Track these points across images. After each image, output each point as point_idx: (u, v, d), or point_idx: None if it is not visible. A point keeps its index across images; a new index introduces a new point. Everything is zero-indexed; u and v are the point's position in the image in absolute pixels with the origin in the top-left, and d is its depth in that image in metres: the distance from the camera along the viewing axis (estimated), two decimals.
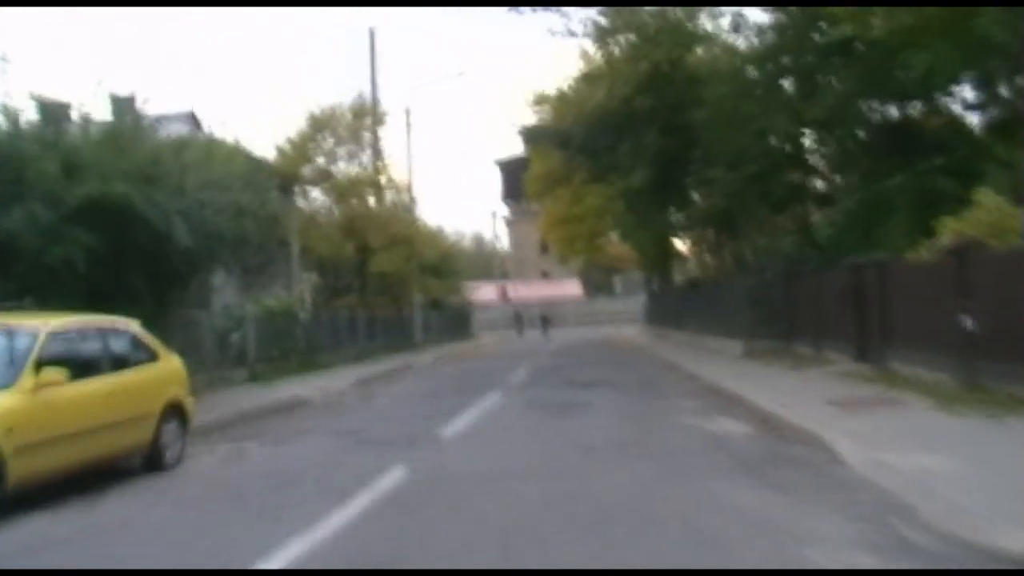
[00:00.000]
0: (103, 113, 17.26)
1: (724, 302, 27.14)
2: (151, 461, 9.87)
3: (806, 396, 12.78)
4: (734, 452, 9.33)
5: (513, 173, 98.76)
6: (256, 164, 29.85)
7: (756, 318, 23.46)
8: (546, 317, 66.25)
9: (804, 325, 21.58)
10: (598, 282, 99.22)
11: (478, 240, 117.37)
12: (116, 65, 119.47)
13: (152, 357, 10.26)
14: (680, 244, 37.66)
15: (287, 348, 26.15)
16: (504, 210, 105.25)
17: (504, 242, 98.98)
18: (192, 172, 16.99)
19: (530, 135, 30.06)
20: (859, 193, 21.56)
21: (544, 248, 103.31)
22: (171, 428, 10.16)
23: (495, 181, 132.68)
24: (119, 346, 9.88)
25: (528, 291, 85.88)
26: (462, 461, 9.50)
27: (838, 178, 24.73)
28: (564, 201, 46.61)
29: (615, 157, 25.27)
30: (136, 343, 10.20)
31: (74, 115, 16.91)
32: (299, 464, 9.89)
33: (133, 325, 10.34)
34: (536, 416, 13.33)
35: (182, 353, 21.34)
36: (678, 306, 38.71)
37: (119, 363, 9.60)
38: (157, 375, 10.20)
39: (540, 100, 33.74)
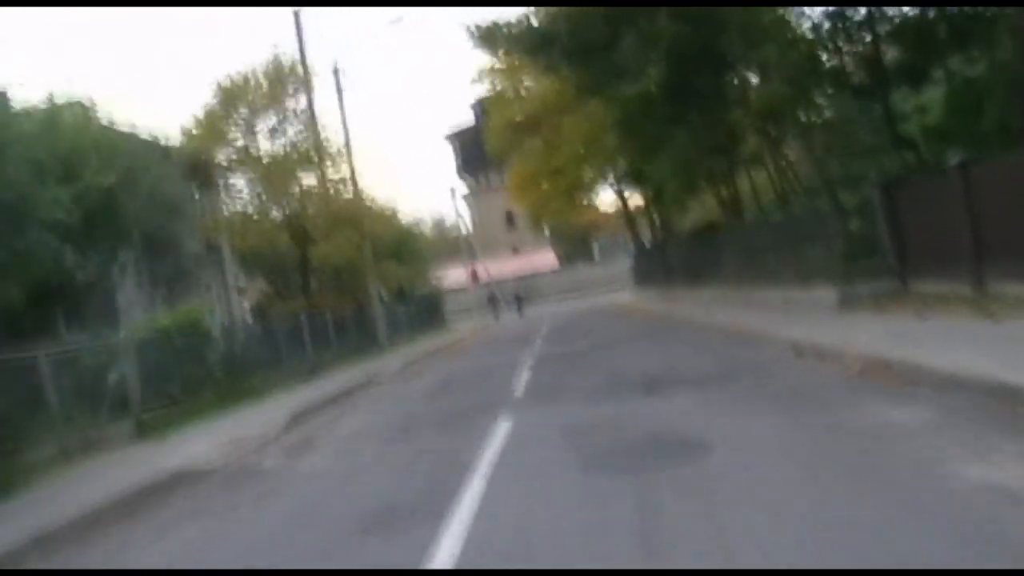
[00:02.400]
0: None
1: (783, 239, 20.20)
2: None
3: None
4: None
5: (467, 145, 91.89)
6: (127, 139, 22.53)
7: (846, 253, 16.59)
8: (519, 295, 60.29)
9: (931, 253, 14.62)
10: (572, 251, 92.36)
11: (439, 223, 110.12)
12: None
13: None
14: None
15: (196, 379, 18.91)
16: (462, 187, 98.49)
17: (467, 221, 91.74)
18: None
19: (491, 40, 22.43)
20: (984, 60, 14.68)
21: (510, 220, 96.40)
22: None
23: (449, 159, 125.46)
24: None
25: (500, 269, 78.66)
26: None
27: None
28: (535, 155, 39.50)
29: (614, 58, 18.09)
30: None
31: None
32: None
33: None
34: (616, 494, 6.07)
35: (9, 417, 14.53)
36: (689, 259, 31.77)
37: None
38: None
39: (487, 36, 26.43)
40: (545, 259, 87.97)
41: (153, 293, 26.97)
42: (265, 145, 34.67)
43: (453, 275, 70.15)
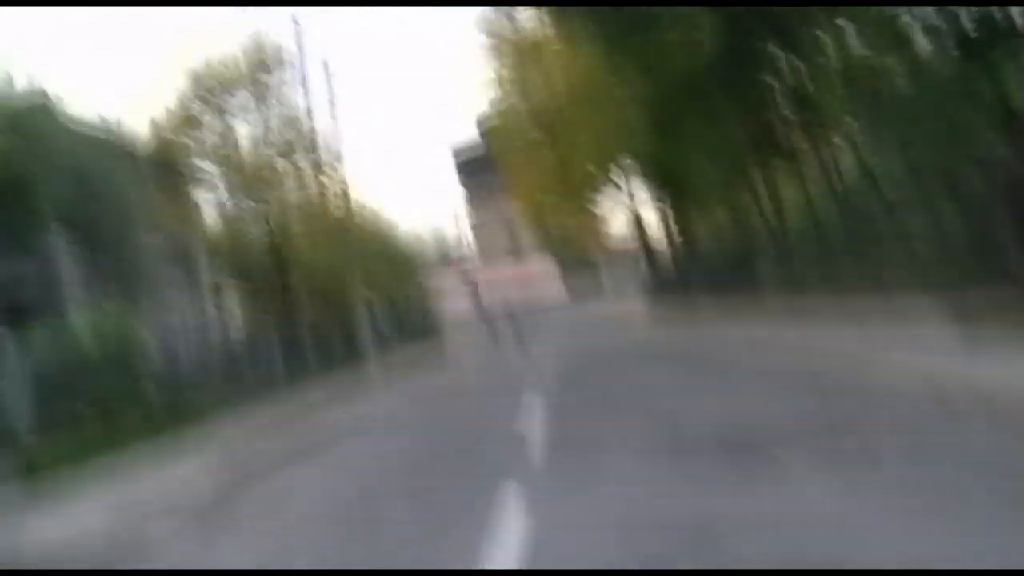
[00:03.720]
0: None
1: (842, 242, 16.58)
2: None
3: None
4: None
5: (469, 159, 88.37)
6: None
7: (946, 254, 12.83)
8: (513, 312, 52.80)
9: None
10: (572, 262, 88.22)
11: (439, 238, 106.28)
12: None
13: None
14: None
15: (118, 399, 15.09)
16: (462, 202, 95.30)
17: (467, 233, 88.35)
18: None
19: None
20: None
21: (511, 230, 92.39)
22: None
23: (451, 172, 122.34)
24: None
25: (501, 278, 74.67)
26: None
27: None
28: (539, 163, 36.10)
29: (652, 26, 14.19)
30: None
31: None
32: None
33: None
34: None
35: None
36: (717, 279, 27.83)
37: None
38: None
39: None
40: (547, 269, 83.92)
41: (102, 292, 23.41)
42: (242, 129, 31.17)
43: (451, 284, 66.54)
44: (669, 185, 25.78)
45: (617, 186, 37.57)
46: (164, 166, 27.90)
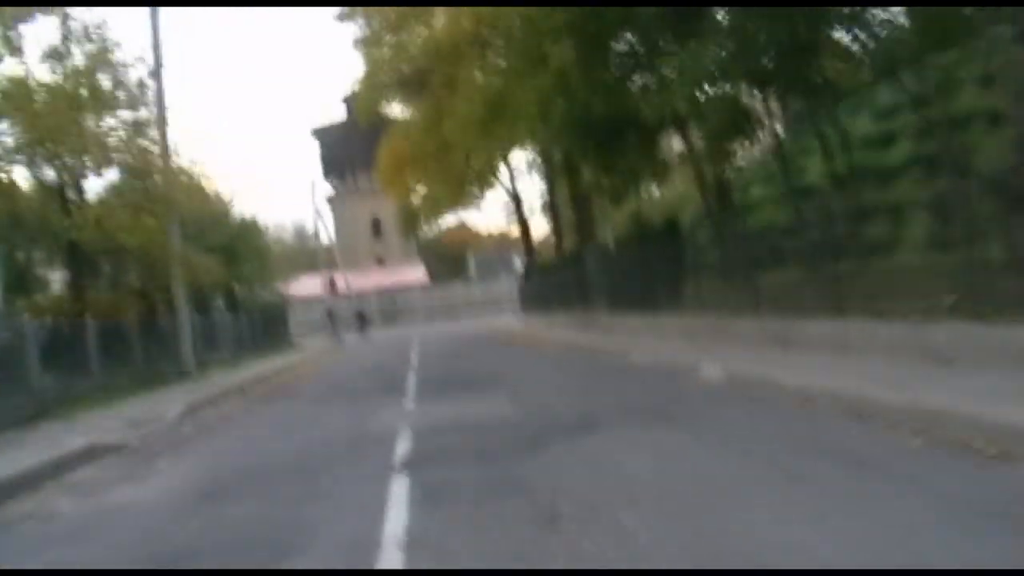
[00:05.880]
0: None
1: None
2: None
3: None
4: None
5: (335, 143, 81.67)
6: None
7: None
8: (362, 314, 50.79)
9: None
10: (443, 268, 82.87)
11: (300, 231, 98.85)
12: None
13: None
14: None
15: None
16: (327, 190, 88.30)
17: (328, 225, 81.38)
18: None
19: None
20: None
21: (377, 229, 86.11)
22: None
23: (315, 160, 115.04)
24: None
25: (364, 281, 68.31)
26: None
27: None
28: (416, 126, 30.10)
29: None
30: None
31: None
32: None
33: None
34: None
35: None
36: (625, 274, 22.69)
37: None
38: None
39: None
40: (414, 273, 77.90)
41: None
42: (39, 71, 24.10)
43: (309, 285, 59.63)
44: (586, 155, 19.69)
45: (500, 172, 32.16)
46: None
